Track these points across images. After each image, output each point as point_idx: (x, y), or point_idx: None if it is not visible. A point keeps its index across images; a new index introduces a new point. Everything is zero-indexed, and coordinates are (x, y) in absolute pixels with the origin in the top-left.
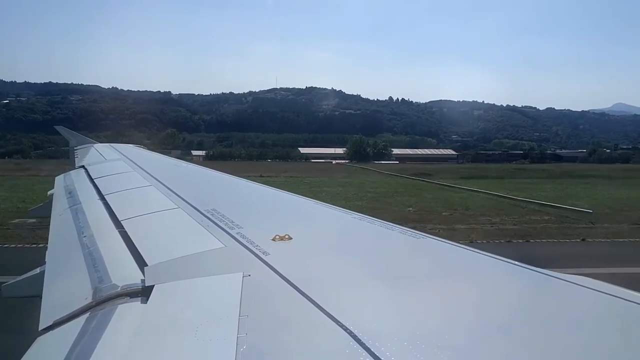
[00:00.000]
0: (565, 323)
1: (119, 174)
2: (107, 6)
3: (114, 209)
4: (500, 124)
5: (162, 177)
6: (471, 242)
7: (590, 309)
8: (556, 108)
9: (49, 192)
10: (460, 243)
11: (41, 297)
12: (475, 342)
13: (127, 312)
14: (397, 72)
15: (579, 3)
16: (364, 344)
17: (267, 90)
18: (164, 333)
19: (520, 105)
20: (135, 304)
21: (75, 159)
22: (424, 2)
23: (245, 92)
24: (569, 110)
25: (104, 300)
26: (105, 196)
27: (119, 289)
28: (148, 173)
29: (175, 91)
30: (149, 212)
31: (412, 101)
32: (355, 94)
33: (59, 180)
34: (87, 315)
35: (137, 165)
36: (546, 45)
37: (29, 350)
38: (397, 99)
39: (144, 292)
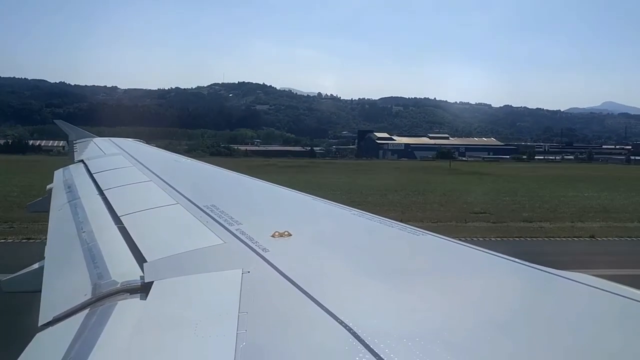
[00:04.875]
0: (566, 320)
1: (118, 168)
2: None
3: (113, 205)
4: (416, 120)
5: (162, 172)
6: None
7: (591, 306)
8: (513, 106)
9: (47, 187)
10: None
11: (41, 293)
12: (476, 340)
13: (127, 308)
14: (378, 69)
15: (566, 1)
16: (364, 340)
17: (207, 85)
18: (163, 329)
19: (474, 103)
20: (135, 301)
21: (75, 153)
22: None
23: (193, 87)
24: (524, 107)
25: (104, 297)
26: (104, 191)
27: (118, 285)
28: (147, 168)
29: (123, 86)
30: (148, 208)
31: (340, 97)
32: (286, 89)
33: (58, 174)
34: (86, 311)
35: (137, 160)
36: (529, 43)
37: (28, 346)
38: (326, 94)
39: (143, 289)
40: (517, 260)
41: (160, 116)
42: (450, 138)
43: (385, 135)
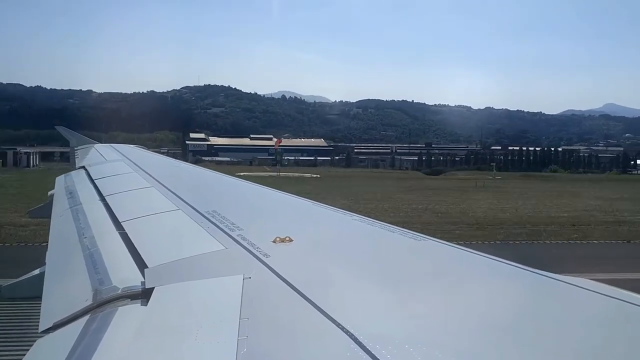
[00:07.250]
0: (565, 325)
1: (120, 174)
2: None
3: (114, 210)
4: (372, 123)
5: (163, 178)
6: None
7: (589, 310)
8: (495, 108)
9: (49, 193)
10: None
11: (41, 299)
12: (476, 345)
13: (128, 314)
14: (365, 72)
15: (566, 2)
16: (365, 346)
17: (179, 89)
18: (164, 335)
19: (453, 105)
20: (136, 306)
21: (76, 160)
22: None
23: (169, 90)
24: (505, 109)
25: (104, 302)
26: (105, 197)
27: (119, 291)
28: (148, 174)
29: (100, 89)
30: (150, 214)
31: (303, 99)
32: (252, 92)
33: (60, 180)
34: (87, 317)
35: (138, 166)
36: (521, 45)
37: (28, 352)
38: (291, 96)
39: (144, 294)
40: (518, 265)
41: (110, 119)
42: (274, 139)
43: (201, 135)
